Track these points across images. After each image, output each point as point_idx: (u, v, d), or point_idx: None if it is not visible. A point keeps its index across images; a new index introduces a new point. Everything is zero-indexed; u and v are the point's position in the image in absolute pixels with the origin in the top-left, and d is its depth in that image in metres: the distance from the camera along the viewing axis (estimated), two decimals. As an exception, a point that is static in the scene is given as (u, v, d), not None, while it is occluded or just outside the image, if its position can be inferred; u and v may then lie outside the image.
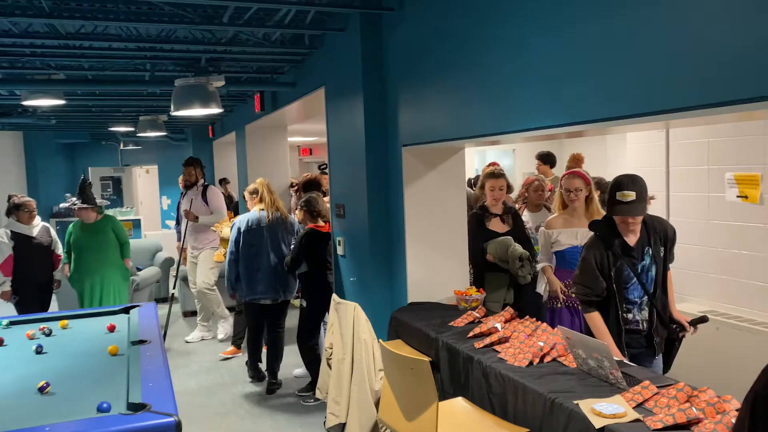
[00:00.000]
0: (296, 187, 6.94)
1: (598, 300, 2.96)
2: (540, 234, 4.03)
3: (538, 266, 4.00)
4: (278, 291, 4.77)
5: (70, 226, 5.79)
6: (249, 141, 8.19)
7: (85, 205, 5.45)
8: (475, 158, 10.18)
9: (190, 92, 4.79)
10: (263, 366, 4.96)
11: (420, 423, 2.51)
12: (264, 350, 4.99)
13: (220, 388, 4.89)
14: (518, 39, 2.84)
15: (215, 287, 6.17)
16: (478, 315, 3.43)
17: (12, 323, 3.96)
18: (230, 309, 6.08)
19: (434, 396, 2.47)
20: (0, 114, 7.51)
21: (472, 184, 6.53)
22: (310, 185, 5.71)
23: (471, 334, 3.15)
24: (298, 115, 7.12)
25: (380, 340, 2.92)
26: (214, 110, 4.94)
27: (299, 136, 11.97)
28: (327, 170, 5.30)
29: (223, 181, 10.51)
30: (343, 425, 3.13)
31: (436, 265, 4.15)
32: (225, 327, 6.11)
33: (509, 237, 4.04)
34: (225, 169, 11.23)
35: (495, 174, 4.26)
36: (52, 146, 11.88)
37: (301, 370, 5.13)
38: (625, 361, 2.75)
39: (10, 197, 5.49)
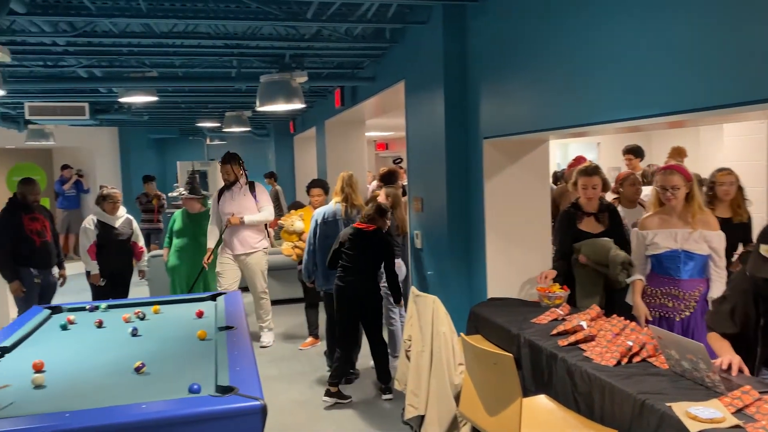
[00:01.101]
0: (376, 179, 6.98)
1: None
2: (633, 236, 3.62)
3: (628, 279, 3.50)
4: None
5: (175, 213, 6.10)
6: (328, 136, 8.33)
7: (191, 196, 5.74)
8: (557, 152, 9.91)
9: (274, 88, 4.92)
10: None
11: (502, 418, 2.47)
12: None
13: (300, 377, 5.01)
14: (609, 25, 2.73)
15: (267, 291, 5.94)
16: (561, 312, 3.34)
17: (110, 307, 4.20)
18: (300, 301, 6.17)
19: (518, 392, 2.43)
20: (99, 111, 7.98)
21: (556, 178, 6.36)
22: (390, 176, 5.73)
23: (554, 331, 3.07)
24: (376, 109, 7.17)
25: (461, 334, 2.90)
26: (297, 105, 5.05)
27: (376, 130, 12.07)
28: (401, 164, 5.28)
29: (270, 176, 10.61)
30: (421, 417, 3.13)
31: (517, 261, 4.07)
32: (269, 336, 6.03)
33: (608, 239, 3.67)
34: (304, 164, 11.48)
35: (588, 171, 3.85)
36: (144, 141, 12.53)
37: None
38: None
39: (101, 188, 5.83)
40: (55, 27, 4.24)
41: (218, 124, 10.12)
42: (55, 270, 5.54)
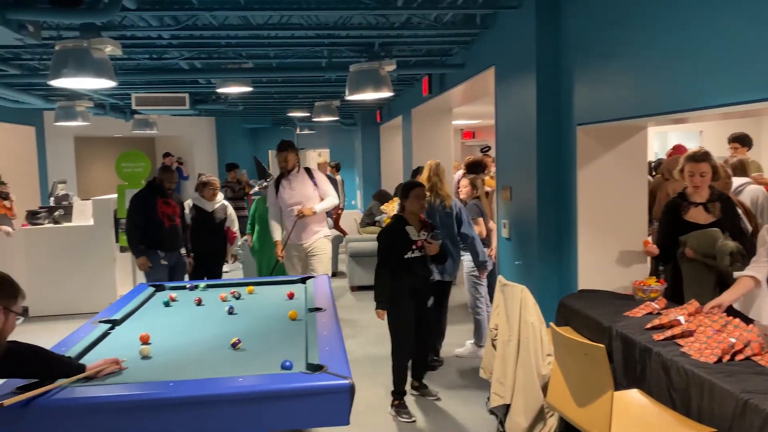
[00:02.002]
0: (462, 169, 6.92)
1: None
2: (762, 233, 3.20)
3: (736, 273, 3.12)
4: (433, 272, 4.82)
5: (255, 201, 6.35)
6: (415, 124, 8.34)
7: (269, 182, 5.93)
8: (655, 142, 9.44)
9: (363, 77, 4.99)
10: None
11: (592, 410, 2.41)
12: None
13: (385, 361, 5.07)
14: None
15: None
16: (657, 306, 3.20)
17: (208, 286, 4.44)
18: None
19: (609, 384, 2.36)
20: (198, 101, 8.39)
21: (651, 169, 6.06)
22: (475, 166, 5.68)
23: (649, 325, 2.95)
24: (464, 97, 7.10)
25: (552, 324, 2.85)
26: (385, 94, 5.10)
27: (462, 119, 11.96)
28: (489, 153, 5.20)
29: (334, 166, 10.61)
30: (507, 406, 3.11)
31: (610, 253, 3.94)
32: None
33: (716, 229, 3.39)
34: (390, 154, 11.56)
35: (696, 157, 3.52)
36: (239, 131, 13.05)
37: (462, 349, 5.17)
38: None
39: (200, 175, 6.14)
40: (160, 21, 4.50)
41: (308, 114, 10.38)
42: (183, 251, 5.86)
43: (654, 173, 5.87)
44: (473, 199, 5.33)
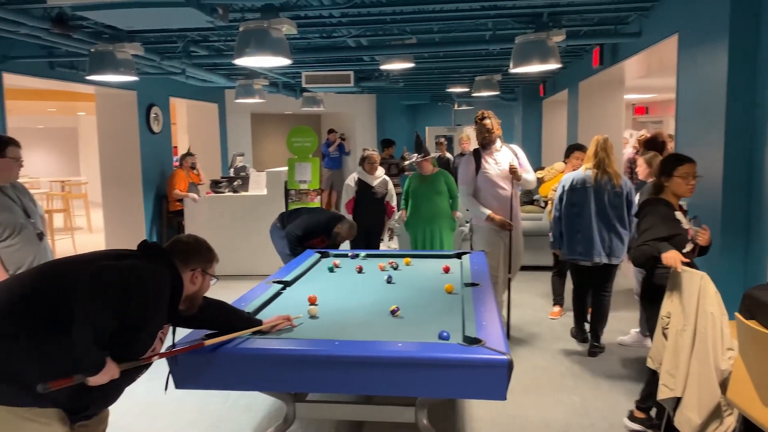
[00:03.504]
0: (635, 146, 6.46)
1: None
2: None
3: None
4: (600, 254, 4.57)
5: (409, 177, 6.45)
6: (582, 99, 7.92)
7: (425, 157, 5.97)
8: None
9: (529, 48, 4.81)
10: (588, 327, 4.86)
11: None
12: (590, 312, 4.87)
13: (542, 343, 4.96)
14: None
15: None
16: None
17: (368, 256, 4.62)
18: (548, 269, 6.04)
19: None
20: (361, 78, 8.67)
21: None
22: (654, 143, 5.27)
23: None
24: (639, 68, 6.59)
25: (737, 314, 2.58)
26: (552, 66, 4.88)
27: (635, 93, 11.13)
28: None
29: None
30: (677, 399, 2.88)
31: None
32: None
33: None
34: (553, 129, 11.12)
35: None
36: (398, 107, 13.30)
37: (626, 337, 4.89)
38: None
39: (363, 150, 6.36)
40: (332, 0, 4.67)
41: (467, 89, 10.28)
42: None
43: None
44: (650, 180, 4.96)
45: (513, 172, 4.88)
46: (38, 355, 1.95)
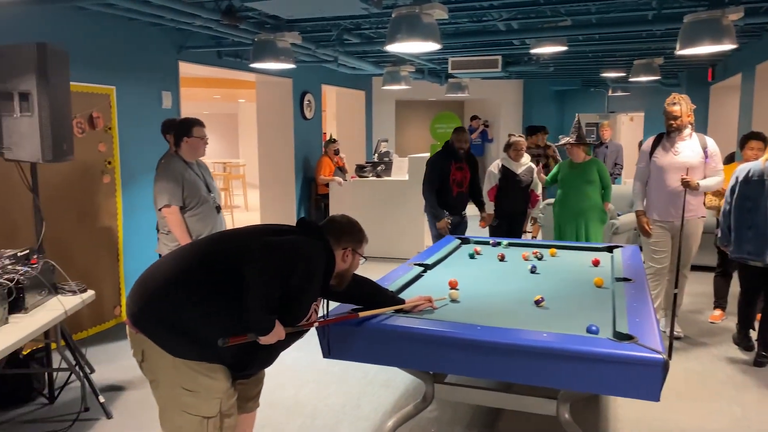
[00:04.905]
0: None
1: None
2: None
3: None
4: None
5: (558, 164, 6.20)
6: (759, 83, 7.12)
7: (577, 142, 5.67)
8: None
9: (700, 28, 4.39)
10: (754, 335, 4.41)
11: None
12: (758, 319, 4.42)
13: (700, 348, 4.58)
14: None
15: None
16: None
17: (510, 244, 4.53)
18: (710, 269, 5.53)
19: None
20: (509, 63, 8.46)
21: None
22: None
23: None
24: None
25: None
26: (727, 47, 4.43)
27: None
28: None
29: None
30: None
31: None
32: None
33: None
34: (721, 118, 10.14)
35: None
36: (546, 93, 12.84)
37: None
38: None
39: (509, 135, 6.20)
40: (484, -18, 4.60)
41: (623, 74, 9.67)
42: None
43: None
44: None
45: (686, 185, 4.39)
46: (210, 315, 2.15)
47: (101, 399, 3.63)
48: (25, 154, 3.48)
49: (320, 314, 2.54)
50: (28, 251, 3.42)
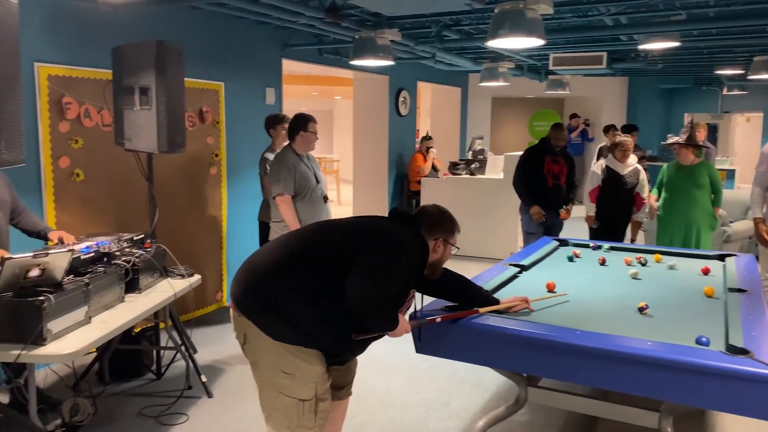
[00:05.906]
0: None
1: None
2: None
3: None
4: None
5: (665, 166, 5.86)
6: None
7: (687, 144, 5.34)
8: None
9: (835, 19, 4.03)
10: None
11: None
12: None
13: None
14: None
15: None
16: None
17: (612, 248, 4.35)
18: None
19: None
20: (615, 60, 8.10)
21: None
22: None
23: None
24: None
25: None
26: None
27: None
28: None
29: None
30: None
31: None
32: None
33: None
34: None
35: None
36: (654, 91, 12.21)
37: None
38: None
39: (615, 135, 5.94)
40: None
41: (742, 72, 9.01)
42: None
43: None
44: None
45: None
46: (308, 302, 2.21)
47: (203, 378, 3.84)
48: (143, 144, 3.72)
49: (414, 308, 2.55)
50: (143, 236, 3.66)
